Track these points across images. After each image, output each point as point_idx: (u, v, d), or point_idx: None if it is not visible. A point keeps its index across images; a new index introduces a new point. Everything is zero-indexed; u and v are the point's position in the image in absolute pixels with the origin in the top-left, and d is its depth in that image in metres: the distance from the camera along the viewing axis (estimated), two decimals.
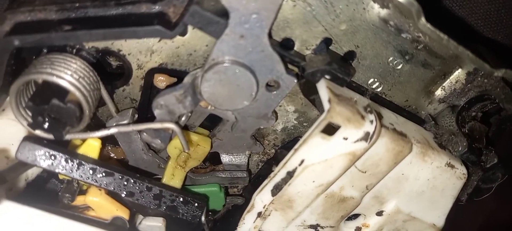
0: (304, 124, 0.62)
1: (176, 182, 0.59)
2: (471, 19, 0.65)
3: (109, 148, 0.62)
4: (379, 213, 0.61)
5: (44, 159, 0.51)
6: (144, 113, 0.58)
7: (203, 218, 0.58)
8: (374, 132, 0.50)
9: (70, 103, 0.48)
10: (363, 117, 0.50)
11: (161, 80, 0.56)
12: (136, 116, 0.57)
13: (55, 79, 0.47)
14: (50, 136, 0.50)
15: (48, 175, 0.59)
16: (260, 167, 0.67)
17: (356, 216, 0.63)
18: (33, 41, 0.47)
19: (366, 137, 0.50)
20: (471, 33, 0.65)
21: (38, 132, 0.50)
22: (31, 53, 0.52)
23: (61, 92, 0.48)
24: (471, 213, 0.90)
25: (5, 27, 0.49)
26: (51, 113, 0.48)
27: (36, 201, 0.51)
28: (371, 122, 0.50)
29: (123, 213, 0.55)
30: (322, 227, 0.60)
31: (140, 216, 0.58)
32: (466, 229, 0.96)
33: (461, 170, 0.58)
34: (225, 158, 0.63)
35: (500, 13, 0.63)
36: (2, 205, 0.43)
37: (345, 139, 0.50)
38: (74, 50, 0.52)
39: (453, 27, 0.66)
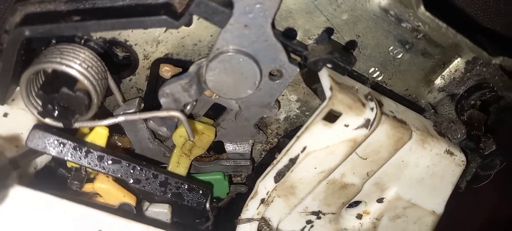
0: (306, 113, 0.63)
1: (181, 170, 0.61)
2: (470, 9, 0.66)
3: (116, 137, 0.63)
4: (380, 200, 0.62)
5: (53, 146, 0.53)
6: (150, 103, 0.59)
7: (207, 205, 0.59)
8: (374, 119, 0.51)
9: (79, 91, 0.49)
10: (364, 104, 0.51)
11: (166, 70, 0.57)
12: (142, 105, 0.58)
13: (64, 68, 0.49)
14: (59, 124, 0.52)
15: (56, 164, 0.61)
16: (263, 156, 0.69)
17: (357, 203, 0.64)
18: (43, 32, 0.48)
19: (367, 124, 0.51)
20: (470, 23, 0.66)
21: (47, 120, 0.52)
22: (41, 44, 0.53)
23: (70, 81, 0.49)
24: (472, 209, 0.91)
25: (16, 18, 0.50)
26: (61, 102, 0.50)
27: (46, 188, 0.53)
28: (372, 109, 0.51)
29: (130, 200, 0.56)
30: (324, 214, 0.61)
31: (147, 203, 0.59)
32: (468, 225, 0.97)
33: (460, 157, 0.59)
34: (229, 147, 0.65)
35: (499, 3, 0.64)
36: (14, 189, 0.45)
37: (346, 126, 0.51)
38: (82, 41, 0.53)
39: (452, 17, 0.66)
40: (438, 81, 0.60)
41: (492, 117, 0.63)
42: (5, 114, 0.56)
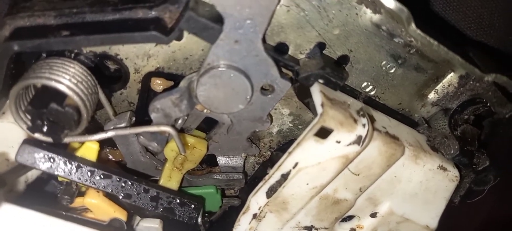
0: (299, 127, 0.63)
1: (173, 184, 0.60)
2: (464, 22, 0.65)
3: (108, 150, 0.63)
4: (373, 215, 0.62)
5: (43, 161, 0.53)
6: (142, 116, 0.59)
7: (199, 220, 0.59)
8: (366, 135, 0.51)
9: (68, 107, 0.49)
10: (355, 121, 0.51)
11: (158, 84, 0.57)
12: (134, 118, 0.58)
13: (53, 83, 0.48)
14: (49, 139, 0.51)
15: (48, 177, 0.60)
16: (256, 169, 0.68)
17: (350, 217, 0.64)
18: (32, 46, 0.48)
19: (359, 140, 0.51)
20: (465, 37, 0.66)
21: (37, 135, 0.51)
22: (30, 58, 0.53)
23: (60, 97, 0.49)
24: (469, 214, 0.91)
25: (5, 32, 0.50)
26: (50, 117, 0.49)
27: (36, 203, 0.52)
28: (364, 125, 0.51)
29: (121, 215, 0.56)
30: (316, 229, 0.60)
31: (138, 218, 0.59)
32: (464, 227, 0.96)
33: (454, 173, 0.59)
34: (221, 160, 0.64)
35: (492, 17, 0.64)
36: (1, 208, 0.44)
37: (338, 142, 0.51)
38: (73, 55, 0.53)
39: (447, 30, 0.67)
40: (432, 96, 0.60)
41: (486, 131, 0.62)
42: None
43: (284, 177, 0.53)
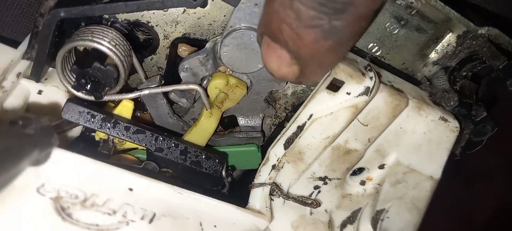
0: (312, 88, 0.68)
1: (213, 121, 0.64)
2: None
3: (138, 114, 0.69)
4: (381, 166, 0.67)
5: (85, 118, 0.59)
6: (169, 79, 0.65)
7: (223, 172, 0.65)
8: (373, 87, 0.57)
9: (109, 66, 0.55)
10: (363, 74, 0.57)
11: (184, 50, 0.63)
12: (163, 81, 0.64)
13: (96, 45, 0.55)
14: (90, 97, 0.58)
15: (86, 132, 0.67)
16: (272, 130, 0.74)
17: (360, 170, 0.69)
18: (76, 13, 0.55)
19: (367, 91, 0.57)
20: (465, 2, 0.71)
21: (80, 94, 0.58)
22: (71, 27, 0.59)
23: (101, 57, 0.55)
24: (482, 197, 0.94)
25: (50, 3, 0.57)
26: (92, 77, 0.56)
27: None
28: (371, 78, 0.57)
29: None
30: (330, 179, 0.66)
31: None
32: (477, 213, 1.00)
33: (454, 124, 0.64)
34: (241, 121, 0.70)
35: None
36: (56, 151, 0.50)
37: (348, 93, 0.57)
38: (109, 23, 0.59)
39: None
40: (432, 55, 0.66)
41: (483, 89, 0.68)
42: (40, 92, 0.62)
43: (300, 128, 0.60)
